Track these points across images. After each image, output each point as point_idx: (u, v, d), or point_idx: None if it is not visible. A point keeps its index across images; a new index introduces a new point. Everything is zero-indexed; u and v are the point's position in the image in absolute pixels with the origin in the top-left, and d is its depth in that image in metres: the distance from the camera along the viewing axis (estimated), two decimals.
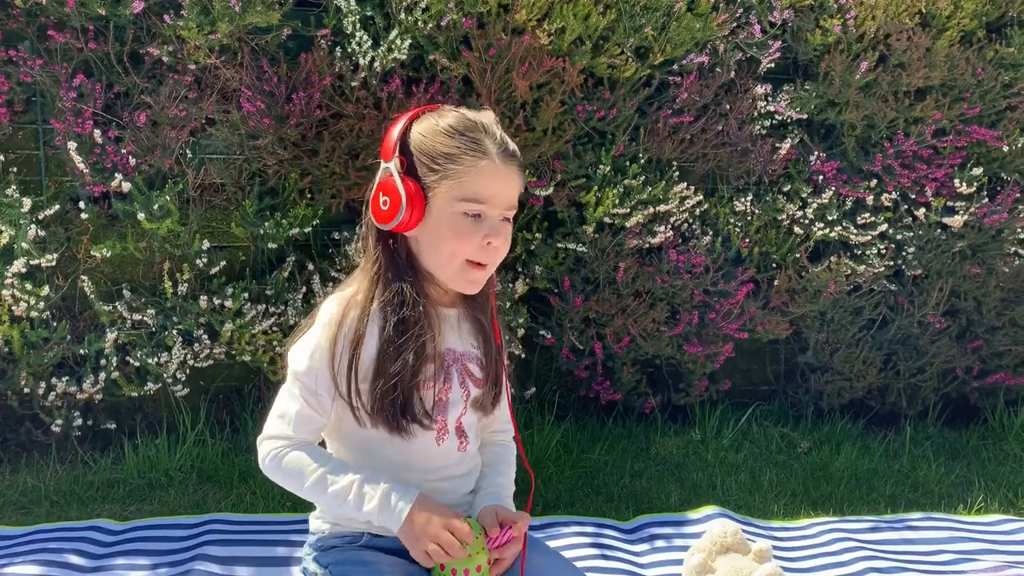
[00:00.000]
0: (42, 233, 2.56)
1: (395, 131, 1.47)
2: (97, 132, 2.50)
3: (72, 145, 2.49)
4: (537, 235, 2.85)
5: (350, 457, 1.56)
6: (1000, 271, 3.12)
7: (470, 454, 1.60)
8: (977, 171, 2.96)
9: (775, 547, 2.28)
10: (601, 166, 2.80)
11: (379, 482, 1.44)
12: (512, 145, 1.47)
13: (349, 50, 2.59)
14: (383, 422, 1.47)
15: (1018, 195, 3.04)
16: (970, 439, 3.11)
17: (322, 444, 1.59)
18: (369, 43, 2.56)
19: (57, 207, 2.57)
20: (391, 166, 1.45)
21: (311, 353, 1.48)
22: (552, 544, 2.27)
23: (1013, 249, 3.11)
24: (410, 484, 1.53)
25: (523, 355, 2.97)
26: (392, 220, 1.45)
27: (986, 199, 3.01)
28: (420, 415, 1.48)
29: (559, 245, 2.86)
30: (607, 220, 2.84)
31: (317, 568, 1.55)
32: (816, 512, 2.55)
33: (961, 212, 2.99)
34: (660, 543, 2.31)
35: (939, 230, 3.05)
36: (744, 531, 2.20)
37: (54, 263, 2.58)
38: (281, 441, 1.51)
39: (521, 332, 2.89)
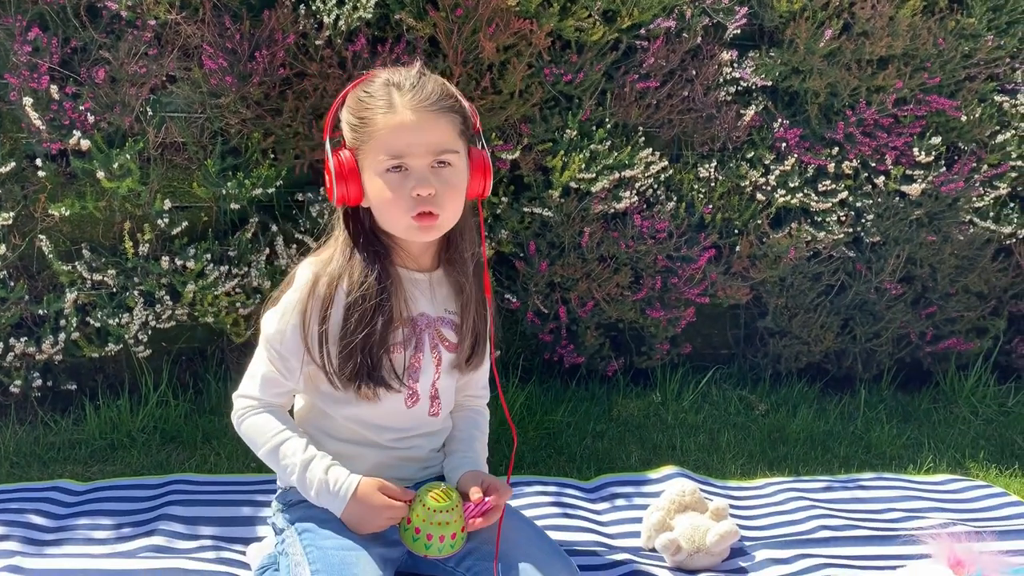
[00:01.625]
0: None
1: (334, 109, 1.52)
2: (54, 88, 2.44)
3: (28, 101, 2.43)
4: (503, 199, 2.85)
5: (319, 413, 1.58)
6: (955, 239, 3.20)
7: (442, 417, 1.62)
8: (936, 140, 3.02)
9: (732, 506, 2.34)
10: (568, 130, 2.80)
11: (320, 470, 1.46)
12: (431, 91, 1.47)
13: (313, 8, 2.55)
14: (351, 385, 1.49)
15: (974, 165, 3.10)
16: (922, 402, 3.20)
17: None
18: (334, 1, 2.53)
19: (13, 164, 2.52)
20: (327, 144, 1.49)
21: (280, 316, 1.51)
22: (515, 503, 2.31)
23: (968, 218, 3.18)
24: (380, 444, 1.55)
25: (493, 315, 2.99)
26: (332, 196, 1.47)
27: (943, 168, 3.07)
28: (389, 378, 1.50)
29: (525, 209, 2.87)
30: (573, 185, 2.85)
31: (285, 523, 1.57)
32: (772, 472, 2.62)
33: (919, 180, 3.05)
34: (620, 502, 2.36)
35: (897, 198, 3.11)
36: (702, 490, 2.26)
37: (10, 222, 2.53)
38: (249, 401, 1.54)
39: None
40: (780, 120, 2.98)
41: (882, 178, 3.07)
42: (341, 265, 1.50)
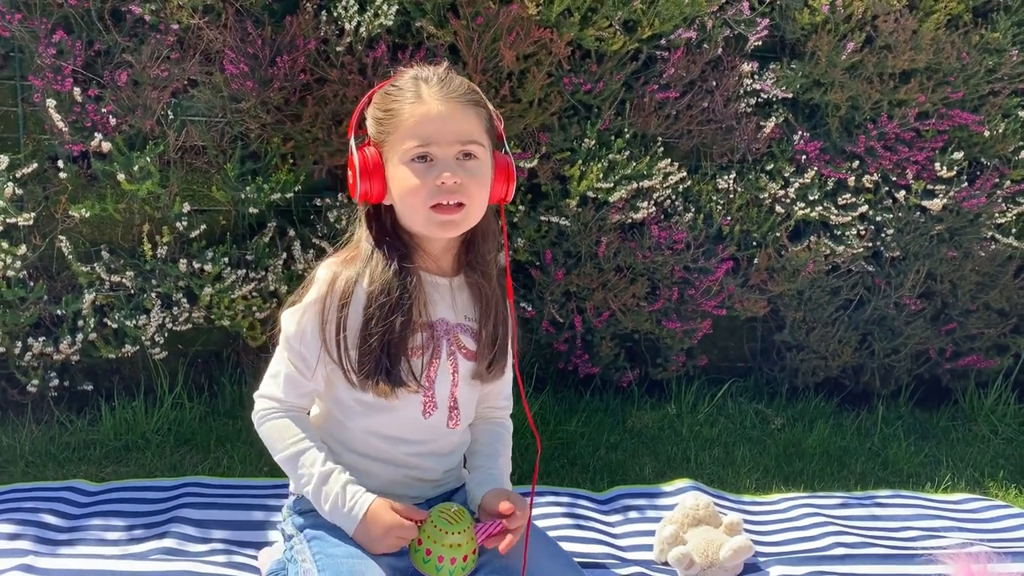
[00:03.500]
0: (19, 191, 2.53)
1: (360, 107, 1.51)
2: (77, 90, 2.46)
3: (51, 103, 2.45)
4: (520, 207, 2.85)
5: (336, 423, 1.56)
6: (976, 255, 3.16)
7: (460, 431, 1.59)
8: (958, 155, 2.99)
9: (746, 521, 2.32)
10: (586, 140, 2.79)
11: (337, 484, 1.45)
12: (459, 84, 1.47)
13: (335, 14, 2.56)
14: (368, 383, 1.47)
15: (996, 180, 3.07)
16: (940, 419, 3.16)
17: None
18: (356, 7, 2.54)
19: (35, 165, 2.54)
20: (351, 141, 1.48)
21: (300, 316, 1.50)
22: None
23: (990, 234, 3.15)
24: (395, 458, 1.53)
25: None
26: (354, 192, 1.47)
27: (965, 183, 3.04)
28: (407, 378, 1.48)
29: (542, 218, 2.86)
30: (590, 194, 2.84)
31: (293, 530, 1.56)
32: (787, 487, 2.60)
33: (940, 196, 3.02)
34: (633, 514, 2.35)
35: (918, 213, 3.08)
36: (716, 504, 2.24)
37: (31, 222, 2.55)
38: (270, 403, 1.53)
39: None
40: (800, 132, 2.96)
41: (903, 192, 3.05)
42: (361, 264, 1.49)
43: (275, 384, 1.52)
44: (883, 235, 3.08)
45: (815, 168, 2.95)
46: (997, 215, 3.11)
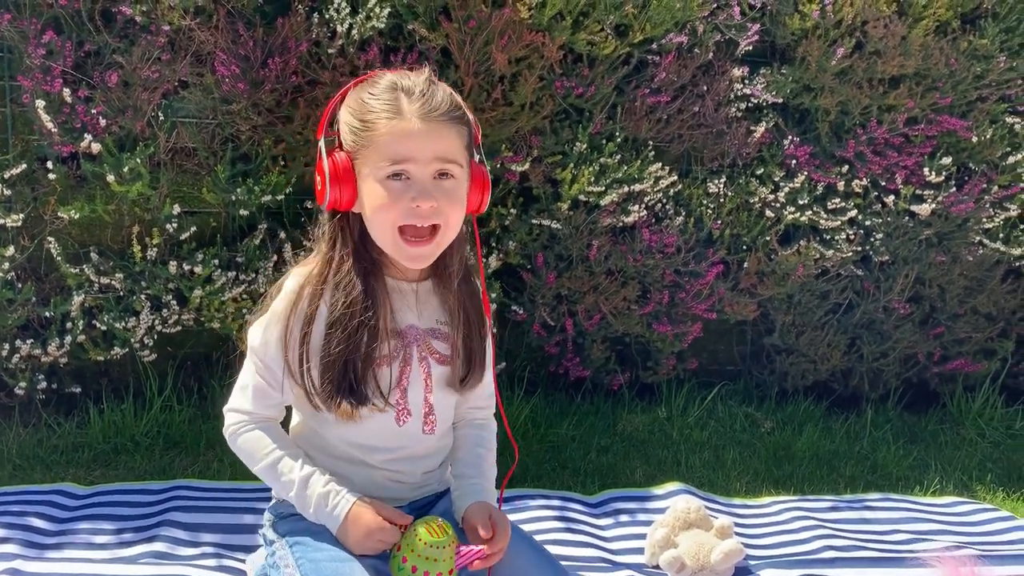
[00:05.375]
0: (7, 192, 2.52)
1: (331, 107, 1.44)
2: (66, 91, 2.45)
3: (40, 103, 2.43)
4: (512, 210, 2.85)
5: (310, 433, 1.54)
6: (964, 260, 3.18)
7: (437, 435, 1.56)
8: (946, 160, 3.01)
9: (737, 524, 2.33)
10: (578, 143, 2.80)
11: (319, 484, 1.43)
12: (441, 100, 1.41)
13: (327, 16, 2.55)
14: (332, 403, 1.43)
15: (984, 185, 3.09)
16: (929, 423, 3.18)
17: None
18: (348, 10, 2.53)
19: (24, 166, 2.52)
20: (321, 144, 1.42)
21: (265, 328, 1.46)
22: (518, 516, 2.30)
23: (978, 239, 3.17)
24: (371, 464, 1.51)
25: (494, 330, 2.98)
26: (323, 199, 1.42)
27: (954, 188, 3.06)
28: (373, 395, 1.44)
29: (533, 221, 2.86)
30: (582, 198, 2.84)
31: (275, 535, 1.54)
32: (777, 491, 2.60)
33: (929, 200, 3.04)
34: (624, 518, 2.35)
35: (907, 218, 3.10)
36: (707, 508, 2.24)
37: (19, 223, 2.53)
38: (240, 416, 1.49)
39: (493, 307, 2.90)
40: (790, 137, 2.97)
41: (892, 197, 3.06)
42: (326, 278, 1.43)
43: (244, 397, 1.49)
44: (872, 239, 3.10)
45: (805, 173, 2.97)
46: (985, 220, 3.13)
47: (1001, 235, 3.17)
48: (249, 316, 1.57)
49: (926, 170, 3.02)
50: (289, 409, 1.57)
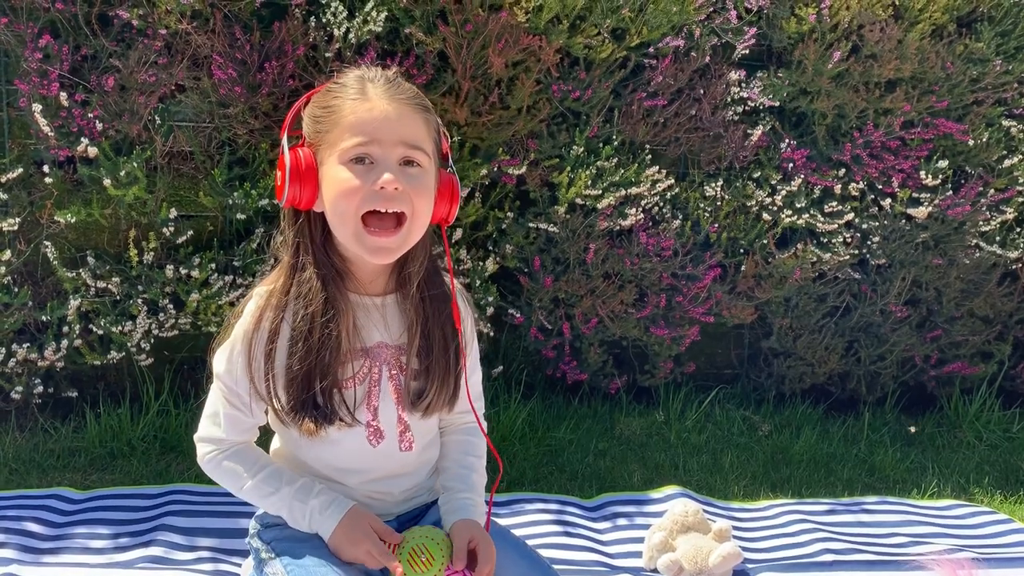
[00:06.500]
0: (4, 196, 2.51)
1: (298, 107, 1.39)
2: (63, 95, 2.45)
3: (37, 107, 2.43)
4: (509, 214, 2.85)
5: (289, 455, 1.51)
6: (961, 262, 3.19)
7: (416, 451, 1.52)
8: (943, 164, 3.01)
9: (735, 527, 2.33)
10: (575, 147, 2.80)
11: (307, 499, 1.41)
12: (408, 88, 1.36)
13: (324, 20, 2.55)
14: (298, 421, 1.38)
15: (980, 188, 3.10)
16: (926, 426, 3.18)
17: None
18: (344, 14, 2.53)
19: (20, 170, 2.52)
20: (283, 141, 1.37)
21: (229, 354, 1.41)
22: (515, 520, 2.29)
23: (974, 241, 3.17)
24: (348, 486, 1.48)
25: (491, 333, 2.98)
26: (282, 194, 1.36)
27: (950, 191, 3.06)
28: (341, 414, 1.39)
29: (530, 224, 2.86)
30: (579, 201, 2.84)
31: (260, 544, 1.52)
32: (775, 494, 2.60)
33: (926, 204, 3.04)
34: (622, 521, 2.34)
35: (904, 221, 3.10)
36: (704, 511, 2.24)
37: (16, 227, 2.53)
38: (213, 446, 1.45)
39: (490, 311, 2.90)
40: (787, 141, 2.98)
41: (888, 200, 3.07)
42: (287, 294, 1.38)
43: (215, 425, 1.44)
44: (869, 243, 3.10)
45: (802, 176, 2.97)
46: (981, 223, 3.14)
47: (998, 238, 3.18)
48: (212, 343, 1.51)
49: (922, 173, 3.02)
50: (270, 431, 1.54)
